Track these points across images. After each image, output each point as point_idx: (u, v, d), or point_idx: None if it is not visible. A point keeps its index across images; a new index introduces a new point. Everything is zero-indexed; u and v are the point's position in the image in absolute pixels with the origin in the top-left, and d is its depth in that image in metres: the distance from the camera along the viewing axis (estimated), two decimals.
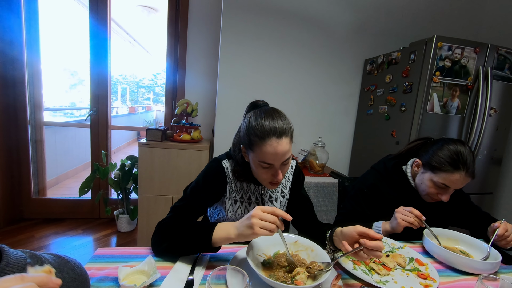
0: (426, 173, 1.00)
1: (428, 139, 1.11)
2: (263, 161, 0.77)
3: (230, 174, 0.92)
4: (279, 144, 0.74)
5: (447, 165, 0.93)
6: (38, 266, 0.37)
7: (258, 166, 0.80)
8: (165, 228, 0.77)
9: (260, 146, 0.75)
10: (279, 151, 0.75)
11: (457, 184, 0.94)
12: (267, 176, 0.81)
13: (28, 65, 2.23)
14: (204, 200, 0.89)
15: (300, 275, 0.66)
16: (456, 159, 0.93)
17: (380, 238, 0.65)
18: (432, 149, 1.00)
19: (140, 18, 4.20)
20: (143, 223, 2.00)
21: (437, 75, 1.67)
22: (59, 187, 3.34)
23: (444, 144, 0.98)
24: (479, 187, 1.96)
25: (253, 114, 0.80)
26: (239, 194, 0.94)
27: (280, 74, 2.22)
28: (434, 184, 0.97)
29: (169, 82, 2.42)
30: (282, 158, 0.77)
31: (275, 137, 0.74)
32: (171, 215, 0.83)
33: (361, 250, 0.65)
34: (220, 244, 0.72)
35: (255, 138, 0.76)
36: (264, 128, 0.75)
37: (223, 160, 0.93)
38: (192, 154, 1.98)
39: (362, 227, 0.68)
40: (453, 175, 0.93)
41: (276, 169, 0.78)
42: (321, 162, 2.08)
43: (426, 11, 2.37)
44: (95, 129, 2.41)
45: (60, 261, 0.49)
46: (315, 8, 2.18)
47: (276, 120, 0.76)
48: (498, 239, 0.90)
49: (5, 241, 2.02)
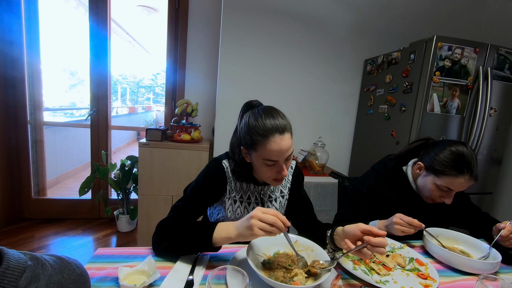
0: (428, 176, 0.99)
1: (428, 140, 1.10)
2: (268, 159, 0.77)
3: (230, 173, 0.92)
4: (282, 140, 0.76)
5: (451, 169, 0.92)
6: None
7: (262, 165, 0.80)
8: (165, 228, 0.77)
9: (264, 145, 0.76)
10: (283, 146, 0.76)
11: (460, 187, 0.93)
12: (272, 173, 0.81)
13: (28, 65, 2.23)
14: (204, 199, 0.89)
15: (298, 276, 0.66)
16: (460, 163, 0.91)
17: (384, 234, 0.65)
18: (434, 152, 0.99)
19: (140, 18, 4.20)
20: (143, 223, 2.00)
21: (437, 75, 1.67)
22: (59, 187, 3.34)
23: (446, 146, 0.97)
24: (479, 187, 1.96)
25: (251, 114, 0.81)
26: (239, 194, 0.94)
27: (280, 74, 2.22)
28: (437, 187, 0.97)
29: (169, 82, 2.42)
30: (286, 153, 0.78)
31: (278, 133, 0.76)
32: (172, 214, 0.84)
33: (364, 247, 0.65)
34: (220, 244, 0.72)
35: (258, 137, 0.76)
36: (266, 127, 0.76)
37: (223, 160, 0.93)
38: (192, 154, 1.98)
39: (364, 224, 0.68)
40: (458, 179, 0.92)
41: (280, 165, 0.79)
42: (321, 162, 2.08)
43: (426, 11, 2.37)
44: (95, 129, 2.41)
45: (60, 262, 0.49)
46: (316, 8, 2.18)
47: (276, 117, 0.78)
48: (502, 240, 0.90)
49: (5, 241, 2.02)
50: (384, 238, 0.64)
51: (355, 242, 0.69)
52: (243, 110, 0.87)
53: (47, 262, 0.45)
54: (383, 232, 0.65)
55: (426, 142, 1.10)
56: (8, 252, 0.40)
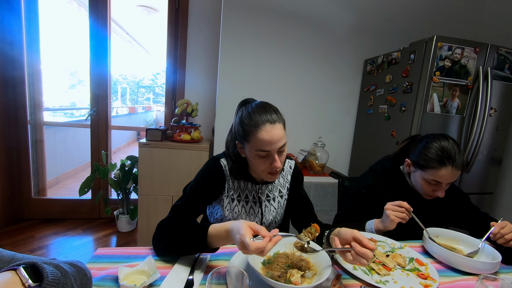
0: (417, 171, 1.02)
1: (416, 137, 1.12)
2: (260, 149, 0.78)
3: (228, 172, 0.93)
4: (273, 129, 0.77)
5: (433, 162, 0.95)
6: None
7: (255, 157, 0.81)
8: (163, 229, 0.77)
9: (256, 134, 0.77)
10: (275, 135, 0.77)
11: (447, 178, 0.95)
12: (266, 166, 0.82)
13: (28, 65, 2.23)
14: (204, 197, 0.90)
15: (294, 276, 0.66)
16: (441, 155, 0.94)
17: (373, 248, 0.64)
18: (418, 148, 1.02)
19: (140, 18, 4.20)
20: (143, 223, 2.00)
21: (437, 75, 1.67)
22: (59, 187, 3.34)
23: (428, 141, 1.00)
24: (479, 187, 1.96)
25: (245, 108, 0.84)
26: (237, 193, 0.95)
27: (280, 74, 2.22)
28: (426, 181, 0.99)
29: (169, 82, 2.42)
30: (278, 143, 0.79)
31: (269, 123, 0.78)
32: (171, 214, 0.84)
33: (349, 251, 0.66)
34: (217, 245, 0.73)
35: (249, 128, 0.78)
36: (257, 117, 0.78)
37: (221, 158, 0.94)
38: (192, 154, 1.98)
39: (359, 233, 0.68)
40: (441, 170, 0.94)
41: (273, 156, 0.80)
42: (321, 162, 2.08)
43: (426, 11, 2.37)
44: (95, 129, 2.41)
45: (76, 270, 0.50)
46: (316, 8, 2.18)
47: (267, 109, 0.81)
48: (495, 237, 0.90)
49: (5, 241, 2.02)
50: (370, 252, 0.63)
51: (344, 245, 0.69)
52: (239, 108, 0.89)
53: (68, 272, 0.46)
54: (372, 246, 0.64)
55: (414, 139, 1.11)
56: (45, 268, 0.40)
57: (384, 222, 0.95)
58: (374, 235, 0.97)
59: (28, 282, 0.38)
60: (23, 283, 0.37)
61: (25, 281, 0.37)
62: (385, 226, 0.95)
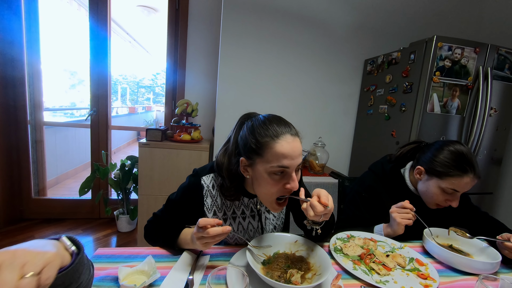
0: (431, 180, 0.95)
1: (420, 143, 1.09)
2: (278, 165, 0.67)
3: (211, 191, 0.84)
4: (294, 141, 0.69)
5: (454, 170, 0.89)
6: None
7: (267, 176, 0.69)
8: (148, 229, 0.88)
9: (274, 146, 0.67)
10: (296, 148, 0.69)
11: (466, 187, 0.90)
12: (277, 188, 0.70)
13: (28, 65, 2.23)
14: (180, 219, 0.86)
15: (294, 276, 0.66)
16: (462, 162, 0.89)
17: (326, 204, 0.65)
18: (432, 153, 0.96)
19: (140, 18, 4.20)
20: (143, 223, 1.99)
21: (437, 75, 1.67)
22: (59, 187, 3.34)
23: (443, 146, 0.94)
24: (479, 187, 1.96)
25: (256, 120, 0.74)
26: (230, 210, 0.87)
27: (280, 74, 2.22)
28: (442, 190, 0.93)
29: (169, 82, 2.42)
30: (298, 159, 0.69)
31: (290, 134, 0.69)
32: (152, 219, 0.89)
33: (305, 202, 0.68)
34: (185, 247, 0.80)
35: (265, 139, 0.68)
36: (275, 127, 0.69)
37: (204, 176, 0.85)
38: (192, 154, 1.98)
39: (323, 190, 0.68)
40: (463, 179, 0.89)
41: (290, 174, 0.69)
42: (321, 162, 2.08)
43: (426, 11, 2.37)
44: (95, 129, 2.41)
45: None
46: (315, 8, 2.18)
47: (285, 121, 0.74)
48: (504, 247, 0.85)
49: (5, 241, 2.02)
50: (320, 206, 0.65)
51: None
52: (240, 121, 0.80)
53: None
54: (326, 202, 0.65)
55: (419, 146, 1.08)
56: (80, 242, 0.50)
57: (392, 226, 0.94)
58: (374, 235, 0.97)
59: (72, 248, 0.46)
60: (67, 249, 0.45)
61: (69, 247, 0.45)
62: (394, 231, 0.93)
